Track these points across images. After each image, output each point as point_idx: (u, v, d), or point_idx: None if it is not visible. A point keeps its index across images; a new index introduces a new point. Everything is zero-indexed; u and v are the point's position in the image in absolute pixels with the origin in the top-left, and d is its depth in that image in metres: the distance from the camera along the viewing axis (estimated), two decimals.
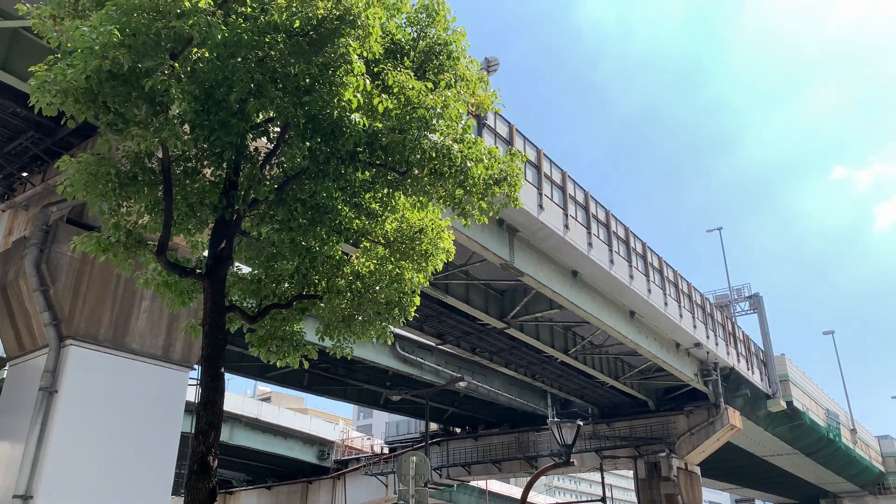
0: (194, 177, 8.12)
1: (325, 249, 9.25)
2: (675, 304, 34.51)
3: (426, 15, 9.09)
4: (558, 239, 25.65)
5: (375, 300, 9.37)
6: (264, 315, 9.29)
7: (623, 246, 30.55)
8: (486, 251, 23.14)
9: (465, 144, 8.32)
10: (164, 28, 6.38)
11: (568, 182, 27.08)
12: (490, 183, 8.70)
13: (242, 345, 12.45)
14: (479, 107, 9.50)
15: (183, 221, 8.34)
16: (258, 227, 8.79)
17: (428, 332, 31.77)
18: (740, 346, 44.27)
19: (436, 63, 9.12)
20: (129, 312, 15.57)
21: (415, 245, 9.43)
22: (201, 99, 7.19)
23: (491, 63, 25.14)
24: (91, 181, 7.33)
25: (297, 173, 8.34)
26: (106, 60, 6.03)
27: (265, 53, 7.10)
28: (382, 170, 8.56)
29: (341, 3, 7.08)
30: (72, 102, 6.36)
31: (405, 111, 7.85)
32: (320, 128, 7.77)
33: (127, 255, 8.32)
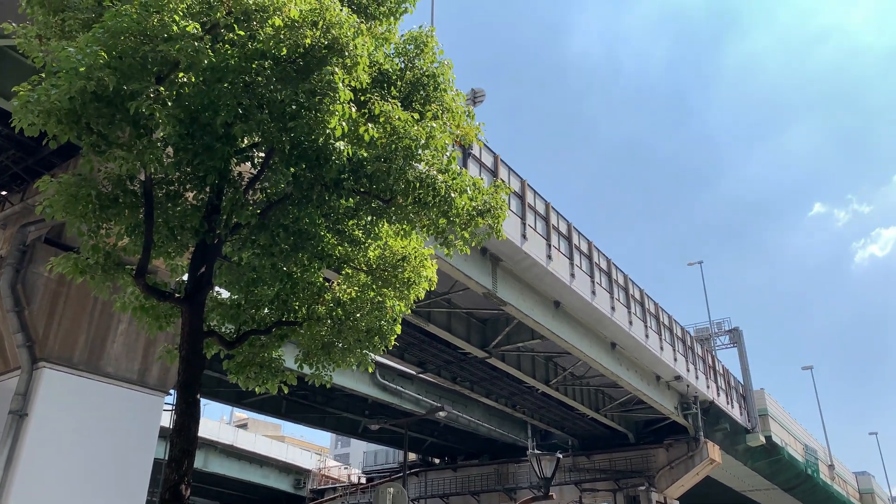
0: (176, 200, 8.06)
1: (307, 276, 9.20)
2: (655, 337, 34.62)
3: (414, 46, 9.19)
4: (541, 269, 25.72)
5: (356, 327, 9.30)
6: (243, 341, 9.18)
7: (605, 277, 30.69)
8: (468, 280, 23.13)
9: (449, 175, 8.36)
10: (150, 51, 6.38)
11: (551, 213, 27.26)
12: (474, 214, 8.73)
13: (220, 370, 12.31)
14: (465, 138, 9.57)
15: (163, 245, 8.26)
16: (239, 251, 8.73)
17: (409, 360, 31.56)
18: (720, 380, 44.40)
19: (422, 94, 9.19)
20: (105, 335, 15.31)
21: (397, 273, 9.41)
22: (186, 122, 7.17)
23: (477, 94, 25.42)
24: (71, 202, 7.25)
25: (281, 199, 8.32)
26: (91, 82, 6.00)
27: (252, 79, 7.11)
28: (366, 197, 8.56)
29: (330, 31, 7.13)
30: (54, 123, 6.31)
31: (391, 140, 7.89)
32: (305, 154, 7.76)
33: (105, 278, 8.20)
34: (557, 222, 27.68)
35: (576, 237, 28.81)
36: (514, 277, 25.73)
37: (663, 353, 35.09)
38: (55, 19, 7.10)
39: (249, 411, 44.89)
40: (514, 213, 24.40)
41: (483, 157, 23.62)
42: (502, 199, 9.07)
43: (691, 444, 40.27)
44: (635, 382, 34.57)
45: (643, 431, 43.14)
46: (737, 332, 53.14)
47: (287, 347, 10.20)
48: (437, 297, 25.25)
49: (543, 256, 25.72)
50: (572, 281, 27.39)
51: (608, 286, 30.59)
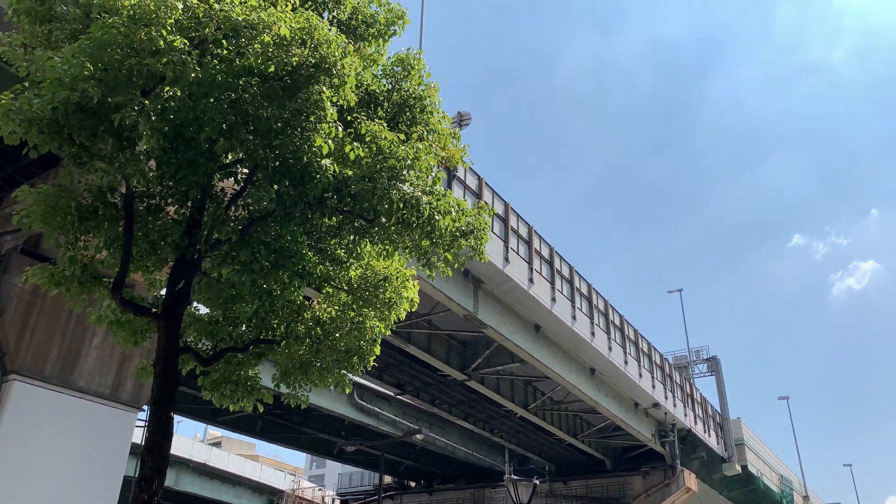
0: (157, 214, 7.98)
1: (286, 294, 9.13)
2: (634, 364, 34.70)
3: (401, 68, 9.24)
4: (522, 292, 25.75)
5: (335, 347, 9.22)
6: (219, 358, 9.06)
7: (586, 302, 30.79)
8: (450, 301, 23.09)
9: (433, 196, 8.37)
10: (137, 64, 6.35)
11: (534, 237, 27.37)
12: (457, 235, 8.73)
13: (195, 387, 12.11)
14: (450, 160, 9.62)
15: (142, 258, 8.16)
16: (219, 267, 8.64)
17: (387, 381, 31.33)
18: (697, 409, 44.53)
19: (409, 115, 9.23)
20: (79, 349, 15.05)
21: (378, 293, 9.36)
22: (170, 136, 7.13)
23: (463, 117, 25.60)
24: (49, 213, 7.16)
25: (263, 216, 8.26)
26: (75, 93, 5.96)
27: (238, 95, 7.10)
28: (350, 217, 8.54)
29: (318, 51, 7.14)
30: (35, 132, 6.24)
31: (376, 160, 7.90)
32: (289, 171, 7.74)
33: (81, 290, 8.08)
34: (540, 246, 27.79)
35: (557, 262, 28.93)
36: (495, 300, 25.73)
37: (642, 379, 35.17)
38: (41, 29, 7.06)
39: (224, 429, 44.17)
40: (497, 236, 24.47)
41: (468, 180, 23.72)
42: (485, 220, 9.09)
43: (668, 472, 40.23)
44: (613, 409, 34.57)
45: (620, 458, 43.06)
46: (715, 360, 53.47)
47: (264, 366, 10.09)
48: (417, 318, 25.16)
49: (525, 280, 25.77)
50: (553, 305, 27.44)
51: (588, 311, 30.69)
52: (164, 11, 6.35)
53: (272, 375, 9.77)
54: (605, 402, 33.60)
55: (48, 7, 7.07)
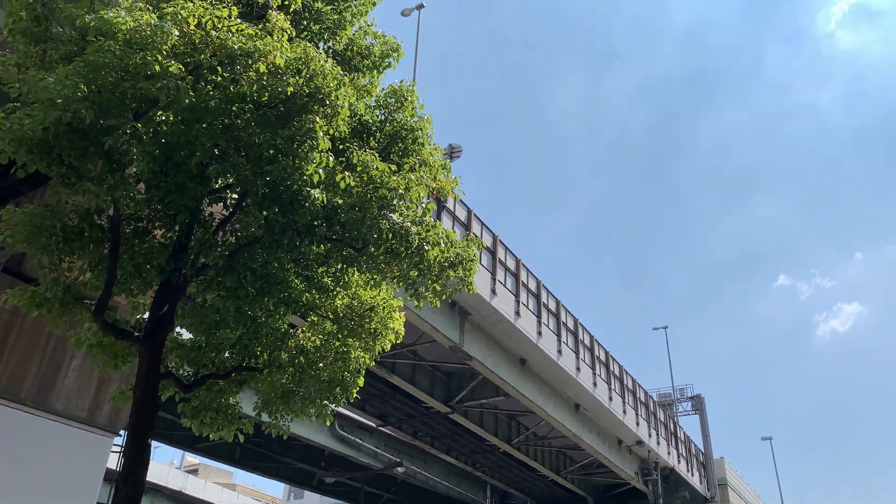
0: (144, 237, 7.91)
1: (271, 321, 9.03)
2: (619, 400, 34.57)
3: (395, 99, 9.31)
4: (508, 325, 25.69)
5: (318, 377, 9.11)
6: (201, 384, 8.92)
7: (571, 337, 30.75)
8: (436, 332, 22.98)
9: (423, 227, 8.38)
10: (131, 88, 6.35)
11: (521, 269, 27.41)
12: (445, 266, 8.73)
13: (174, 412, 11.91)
14: (440, 192, 9.66)
15: (126, 281, 8.06)
16: (204, 293, 8.55)
17: (370, 411, 30.98)
18: (681, 447, 44.32)
19: (401, 146, 9.27)
20: (58, 371, 14.76)
21: (364, 323, 9.30)
22: (161, 160, 7.10)
23: (454, 149, 25.80)
24: (34, 233, 7.08)
25: (251, 242, 8.22)
26: (67, 114, 5.93)
27: (231, 121, 7.10)
28: (338, 245, 8.52)
29: (313, 81, 7.18)
30: (24, 152, 6.19)
31: (367, 190, 7.91)
32: (279, 198, 7.72)
33: (62, 312, 7.95)
34: (527, 279, 27.82)
35: (544, 295, 28.94)
36: (481, 332, 25.64)
37: (626, 416, 35.01)
38: (36, 49, 7.06)
39: (202, 456, 43.37)
40: (485, 268, 24.49)
41: (457, 211, 23.81)
42: (474, 252, 9.10)
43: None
44: (597, 445, 34.32)
45: (603, 496, 42.65)
46: (699, 399, 53.38)
47: (245, 394, 9.94)
48: (402, 349, 25.00)
49: (512, 313, 25.73)
50: (539, 339, 27.38)
51: (574, 346, 30.63)
52: (160, 36, 6.37)
53: (253, 404, 9.63)
54: (588, 439, 33.37)
55: (44, 28, 7.08)
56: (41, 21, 7.10)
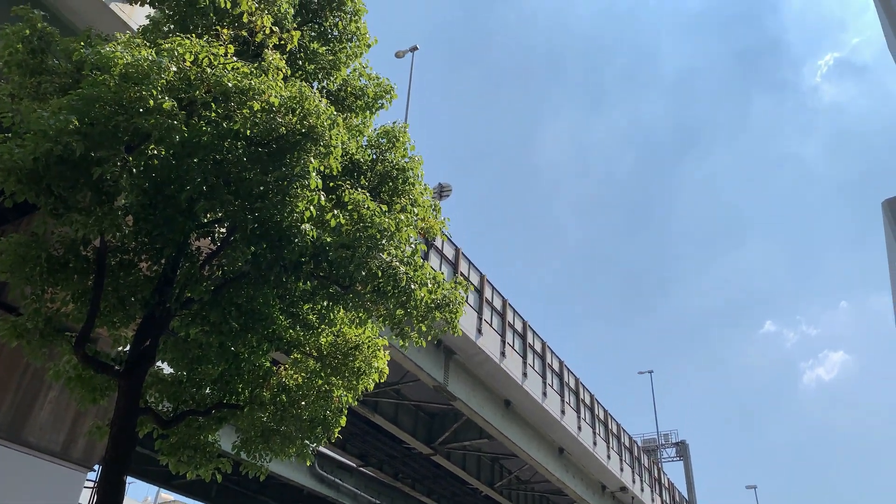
0: (129, 269, 7.86)
1: (254, 357, 8.94)
2: (603, 445, 34.26)
3: (387, 140, 9.41)
4: (494, 366, 25.53)
5: (299, 416, 8.98)
6: (180, 421, 8.76)
7: (557, 379, 30.58)
8: (420, 371, 22.78)
9: (411, 267, 8.38)
10: (124, 121, 6.38)
11: (508, 310, 27.36)
12: (432, 307, 8.71)
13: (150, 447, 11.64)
14: (429, 231, 9.70)
15: (109, 313, 7.98)
16: (188, 327, 8.45)
17: (350, 451, 30.47)
18: (665, 494, 43.83)
19: (391, 186, 9.35)
20: (33, 402, 14.47)
21: (348, 361, 9.22)
22: (150, 193, 7.10)
23: (444, 188, 26.00)
24: (19, 263, 7.02)
25: (237, 277, 8.18)
26: (58, 146, 5.94)
27: (223, 157, 7.13)
28: (325, 282, 8.49)
29: (307, 119, 7.25)
30: (14, 182, 6.19)
31: (357, 228, 7.92)
32: (267, 234, 7.72)
33: (42, 344, 7.83)
34: (513, 320, 27.76)
35: (530, 336, 28.86)
36: (466, 372, 25.45)
37: (610, 462, 34.65)
38: (31, 81, 7.09)
39: (177, 493, 42.32)
40: (472, 307, 24.43)
41: (445, 250, 23.85)
42: (461, 294, 9.10)
43: None
44: (581, 491, 33.86)
45: None
46: (683, 445, 53.07)
47: (224, 431, 9.76)
48: (386, 388, 24.73)
49: (497, 353, 25.60)
50: (524, 380, 27.20)
51: (559, 388, 30.44)
52: (156, 72, 6.43)
53: (232, 443, 9.45)
54: (572, 484, 32.93)
55: (40, 60, 7.13)
56: (37, 54, 7.15)
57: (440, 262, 23.17)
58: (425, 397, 26.43)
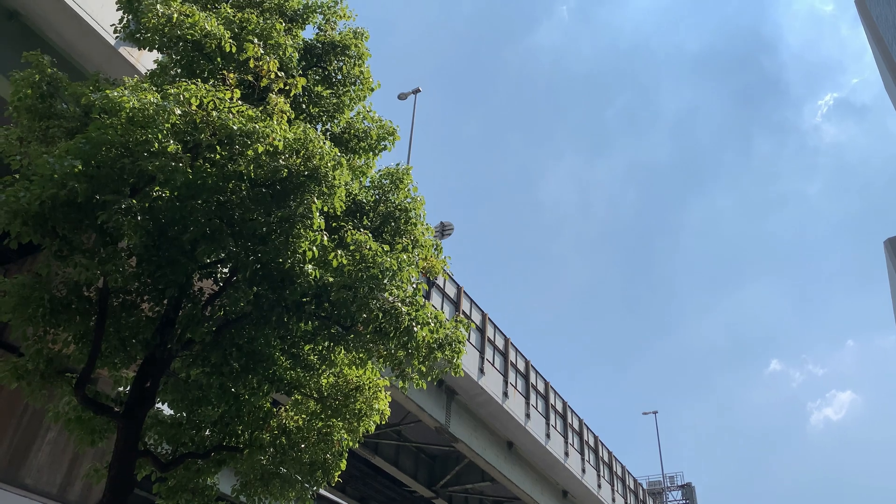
0: (131, 311, 7.86)
1: (254, 399, 8.88)
2: (608, 487, 33.69)
3: (390, 181, 9.49)
4: (496, 406, 25.27)
5: (299, 459, 8.88)
6: (179, 463, 8.66)
7: (560, 420, 30.23)
8: (421, 412, 22.55)
9: (413, 307, 8.37)
10: (129, 164, 6.46)
11: (510, 349, 27.20)
12: (434, 347, 8.67)
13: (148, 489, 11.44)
14: (431, 271, 9.72)
15: (111, 354, 7.96)
16: (188, 368, 8.43)
17: (350, 494, 29.96)
18: None
19: (394, 226, 9.40)
20: (31, 443, 14.32)
21: (349, 403, 9.15)
22: (154, 234, 7.14)
23: (446, 227, 26.11)
24: (21, 304, 7.03)
25: (239, 317, 8.17)
26: (63, 191, 6.01)
27: (227, 199, 7.20)
28: (327, 323, 8.47)
29: (311, 161, 7.32)
30: (19, 224, 6.23)
31: (359, 268, 7.94)
32: (270, 275, 7.74)
33: (42, 385, 7.79)
34: (516, 359, 27.58)
35: (533, 376, 28.62)
36: (468, 413, 25.19)
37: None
38: (39, 125, 7.21)
39: None
40: (474, 346, 24.31)
41: (447, 288, 23.83)
42: (463, 334, 9.06)
43: None
44: None
45: None
46: (689, 488, 52.13)
47: (223, 473, 9.63)
48: (386, 429, 24.47)
49: (500, 393, 25.37)
50: (527, 422, 26.89)
51: (563, 430, 30.08)
52: (162, 116, 6.53)
53: (232, 486, 9.32)
54: None
55: (49, 105, 7.26)
56: (46, 98, 7.29)
57: (442, 301, 23.13)
58: (427, 439, 26.11)
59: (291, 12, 9.65)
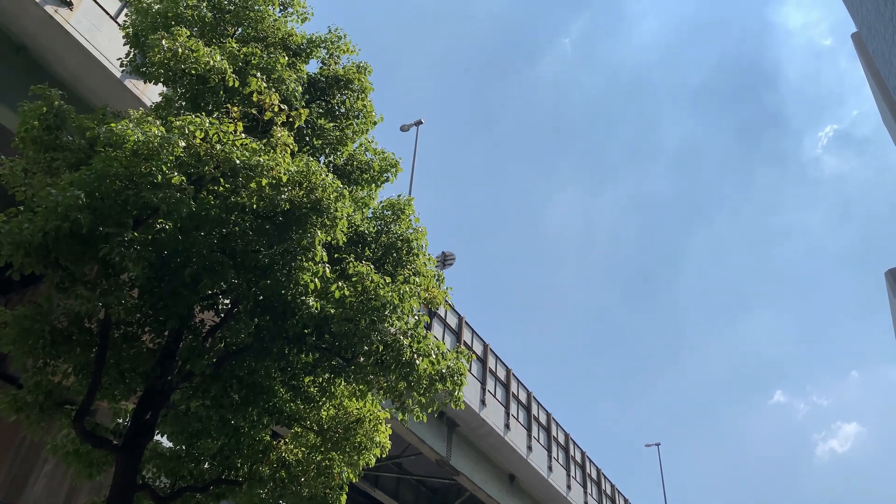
0: (132, 342, 7.84)
1: (254, 432, 8.79)
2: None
3: (392, 212, 9.53)
4: (498, 439, 25.01)
5: (298, 493, 8.76)
6: (177, 497, 8.55)
7: (563, 453, 29.90)
8: (422, 444, 22.32)
9: (414, 339, 8.33)
10: (133, 196, 6.49)
11: (512, 380, 27.02)
12: (435, 379, 8.60)
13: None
14: (433, 301, 9.70)
15: (110, 386, 7.91)
16: (188, 400, 8.37)
17: None
18: None
19: (395, 257, 9.42)
20: (28, 475, 14.18)
21: (349, 436, 9.06)
22: (156, 266, 7.15)
23: (447, 257, 26.11)
24: (22, 335, 7.01)
25: (240, 349, 8.14)
26: (66, 223, 6.04)
27: (229, 231, 7.22)
28: (327, 354, 8.43)
29: (314, 192, 7.36)
30: (22, 255, 6.24)
31: (360, 300, 7.92)
32: (271, 307, 7.72)
33: (41, 418, 7.73)
34: (517, 390, 27.37)
35: (535, 407, 28.39)
36: (469, 445, 24.92)
37: None
38: (45, 156, 7.27)
39: None
40: (475, 377, 24.15)
41: (448, 318, 23.76)
42: (464, 365, 8.99)
43: None
44: None
45: None
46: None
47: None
48: (387, 461, 24.17)
49: (501, 425, 25.13)
50: (529, 454, 26.60)
51: (565, 462, 29.74)
52: (166, 148, 6.59)
53: None
54: None
55: (55, 137, 7.33)
56: (52, 130, 7.36)
57: (443, 331, 23.05)
58: (428, 471, 25.79)
59: (295, 46, 9.80)
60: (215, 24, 9.30)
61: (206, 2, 9.38)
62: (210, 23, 9.18)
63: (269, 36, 9.55)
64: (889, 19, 9.00)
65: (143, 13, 9.08)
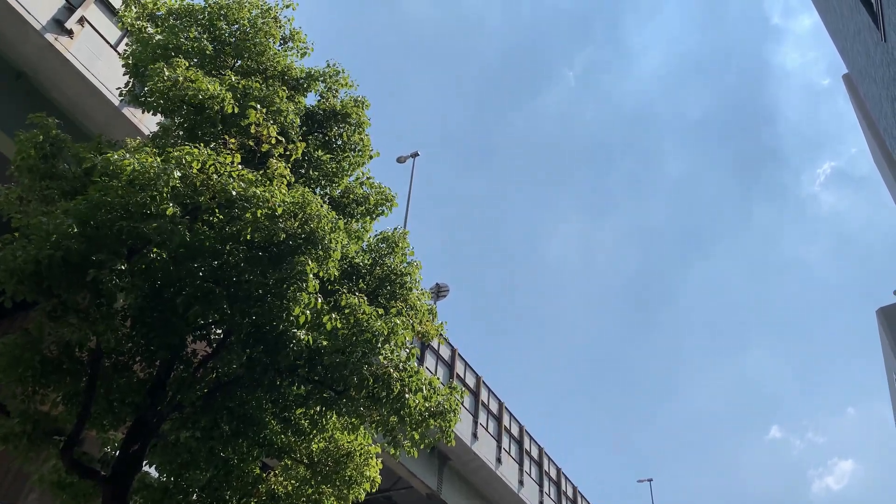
0: (123, 372, 7.77)
1: (244, 464, 8.68)
2: None
3: (386, 245, 9.55)
4: (489, 473, 24.75)
5: None
6: None
7: (554, 488, 29.57)
8: (413, 478, 22.05)
9: (406, 373, 8.28)
10: (128, 226, 6.50)
11: (504, 413, 26.82)
12: (426, 415, 8.53)
13: None
14: (426, 335, 9.67)
15: (99, 416, 7.81)
16: (178, 431, 8.27)
17: None
18: None
19: (389, 289, 9.40)
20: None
21: (339, 469, 8.97)
22: (149, 296, 7.13)
23: (441, 289, 26.07)
24: (12, 364, 6.94)
25: (231, 381, 8.08)
26: (58, 252, 6.03)
27: (223, 261, 7.21)
28: (319, 387, 8.37)
29: (308, 224, 7.37)
30: (15, 283, 6.23)
31: (353, 332, 7.88)
32: (264, 338, 7.69)
33: (29, 448, 7.61)
34: (510, 424, 27.16)
35: (527, 442, 28.15)
36: (461, 479, 24.63)
37: None
38: (40, 184, 7.28)
39: None
40: (467, 410, 23.97)
41: (441, 351, 23.66)
42: (456, 400, 8.93)
43: None
44: None
45: None
46: None
47: None
48: (377, 495, 23.82)
49: (493, 459, 24.88)
50: (521, 489, 26.30)
51: (557, 497, 29.39)
52: (163, 178, 6.60)
53: None
54: None
55: (51, 165, 7.35)
56: (48, 159, 7.39)
57: (436, 363, 22.94)
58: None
59: (294, 80, 9.89)
60: (215, 56, 9.40)
61: (206, 34, 9.49)
62: (210, 55, 9.28)
63: (269, 69, 9.65)
64: (879, 64, 9.18)
65: (144, 43, 9.18)
